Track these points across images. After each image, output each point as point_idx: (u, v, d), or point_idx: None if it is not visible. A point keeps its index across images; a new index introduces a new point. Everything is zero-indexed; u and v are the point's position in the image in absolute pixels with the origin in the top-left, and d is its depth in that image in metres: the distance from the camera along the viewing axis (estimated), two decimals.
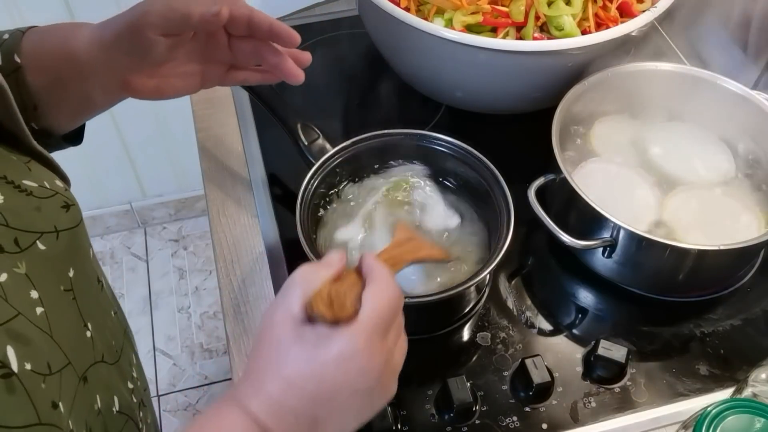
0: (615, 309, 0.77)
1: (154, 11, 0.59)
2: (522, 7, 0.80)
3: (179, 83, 0.66)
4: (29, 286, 0.47)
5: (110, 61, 0.61)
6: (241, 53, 0.66)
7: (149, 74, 0.63)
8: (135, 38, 0.60)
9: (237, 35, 0.65)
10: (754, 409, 0.52)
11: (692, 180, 0.79)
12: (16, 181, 0.51)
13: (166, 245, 1.97)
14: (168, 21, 0.59)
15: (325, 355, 0.46)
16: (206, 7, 0.59)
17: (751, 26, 0.92)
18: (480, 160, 0.74)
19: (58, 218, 0.53)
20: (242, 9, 0.62)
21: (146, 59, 0.61)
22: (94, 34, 0.62)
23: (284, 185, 0.86)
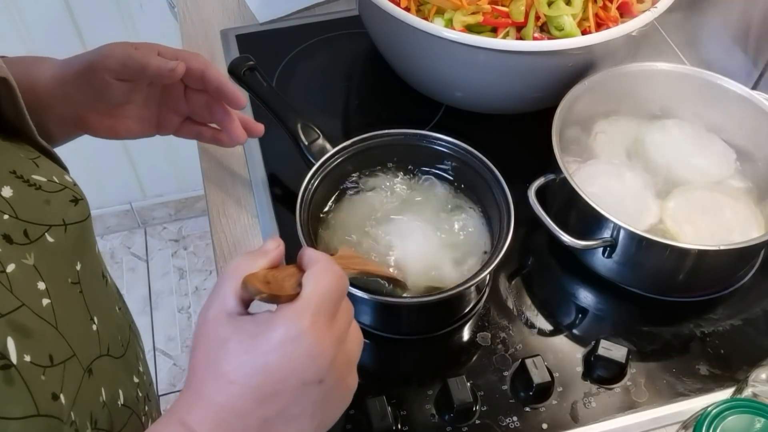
0: (615, 309, 0.77)
1: (114, 56, 0.63)
2: (522, 7, 0.80)
3: (134, 126, 0.68)
4: (37, 278, 0.47)
5: (67, 97, 0.64)
6: (195, 106, 0.69)
7: (105, 114, 0.66)
8: (93, 79, 0.63)
9: (193, 88, 0.68)
10: (754, 409, 0.52)
11: (692, 180, 0.79)
12: (25, 175, 0.51)
13: (166, 245, 1.97)
14: (125, 68, 0.63)
15: (267, 342, 0.41)
16: (163, 61, 0.63)
17: (751, 26, 0.92)
18: (480, 160, 0.74)
19: (66, 212, 0.53)
20: (198, 64, 0.66)
21: (102, 99, 0.64)
22: (56, 69, 0.65)
23: (284, 185, 0.86)
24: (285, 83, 0.97)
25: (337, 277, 0.45)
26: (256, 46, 1.01)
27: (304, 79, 0.98)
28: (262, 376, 0.41)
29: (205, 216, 1.92)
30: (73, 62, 0.65)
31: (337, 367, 0.43)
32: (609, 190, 0.77)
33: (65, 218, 0.52)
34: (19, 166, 0.51)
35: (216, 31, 1.04)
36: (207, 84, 0.66)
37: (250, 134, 0.73)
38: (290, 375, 0.41)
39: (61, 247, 0.51)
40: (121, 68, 0.63)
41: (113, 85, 0.64)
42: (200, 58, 0.66)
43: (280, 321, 0.42)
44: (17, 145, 0.54)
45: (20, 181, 0.50)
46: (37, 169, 0.53)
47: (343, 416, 0.67)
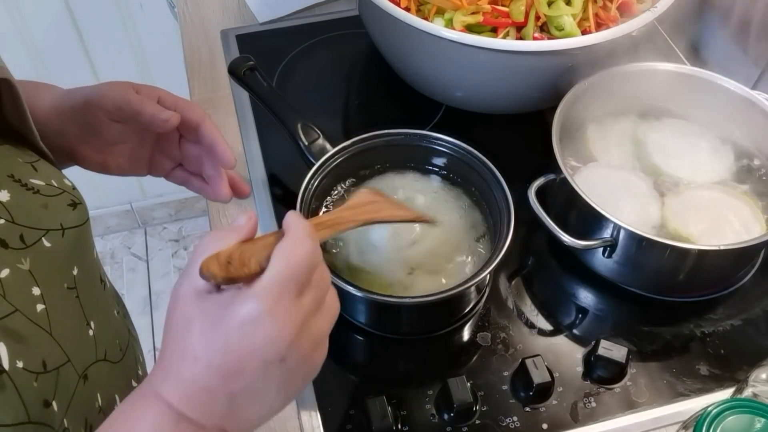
0: (615, 309, 0.77)
1: (111, 97, 0.62)
2: (522, 7, 0.80)
3: (126, 164, 0.68)
4: (31, 283, 0.47)
5: (62, 129, 0.63)
6: (188, 155, 0.69)
7: (97, 150, 0.66)
8: (88, 115, 0.63)
9: (187, 138, 0.68)
10: (754, 409, 0.52)
11: (692, 180, 0.79)
12: (23, 179, 0.51)
13: (166, 245, 1.97)
14: (120, 111, 0.62)
15: (228, 322, 0.42)
16: (159, 110, 0.62)
17: (751, 26, 0.92)
18: (480, 160, 0.74)
19: (64, 216, 0.53)
20: (194, 116, 0.65)
21: (95, 136, 0.65)
22: (55, 99, 0.65)
23: (284, 185, 0.86)
24: (285, 83, 0.97)
25: (306, 253, 0.44)
26: (256, 46, 1.01)
27: (304, 79, 0.98)
28: (223, 355, 0.42)
29: (205, 216, 1.91)
30: (72, 95, 0.65)
31: (301, 344, 0.44)
32: (609, 190, 0.77)
33: (63, 222, 0.52)
34: (18, 169, 0.51)
35: (216, 31, 1.04)
36: (200, 138, 0.65)
37: (235, 194, 0.71)
38: (251, 354, 0.42)
39: (58, 251, 0.51)
40: (116, 110, 0.63)
41: (107, 124, 0.64)
42: (198, 110, 0.65)
43: (240, 302, 0.42)
44: (17, 147, 0.54)
45: (18, 185, 0.50)
46: (35, 173, 0.53)
47: (344, 416, 0.67)
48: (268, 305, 0.42)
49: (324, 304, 0.46)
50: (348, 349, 0.74)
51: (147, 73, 1.60)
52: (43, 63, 1.51)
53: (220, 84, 0.98)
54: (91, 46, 1.52)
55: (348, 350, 0.74)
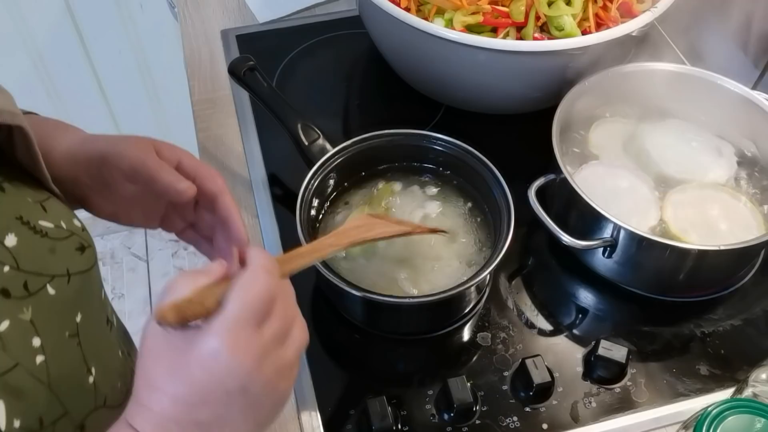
0: (615, 309, 0.77)
1: (129, 158, 0.59)
2: (522, 7, 0.80)
3: (138, 217, 0.66)
4: (32, 333, 0.46)
5: (76, 177, 0.61)
6: (201, 220, 0.66)
7: (110, 201, 0.64)
8: (103, 170, 0.60)
9: (203, 206, 0.65)
10: (754, 409, 0.52)
11: (692, 180, 0.79)
12: (31, 221, 0.50)
13: (166, 245, 1.97)
14: (136, 174, 0.60)
15: (191, 357, 0.44)
16: (175, 179, 0.59)
17: (751, 26, 0.92)
18: (480, 160, 0.74)
19: (71, 261, 0.52)
20: (213, 187, 0.61)
21: (108, 189, 0.62)
22: (72, 146, 0.62)
23: (284, 185, 0.86)
24: (285, 83, 0.97)
25: (261, 286, 0.45)
26: (256, 46, 1.01)
27: (304, 79, 0.98)
28: (188, 387, 0.44)
29: None
30: (90, 146, 0.62)
31: (263, 374, 0.45)
32: (609, 190, 0.77)
33: (69, 268, 0.51)
34: (27, 210, 0.50)
35: (216, 31, 1.04)
36: (216, 211, 0.62)
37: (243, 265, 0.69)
38: (213, 386, 0.44)
39: (63, 299, 0.50)
40: (131, 173, 0.60)
41: (122, 183, 0.61)
42: (218, 180, 0.62)
43: (200, 337, 0.44)
44: (28, 185, 0.52)
45: (26, 228, 0.49)
46: (44, 213, 0.52)
47: (344, 416, 0.67)
48: (225, 339, 0.43)
49: (289, 334, 0.47)
50: (348, 349, 0.74)
51: (147, 73, 1.60)
52: (43, 63, 1.51)
53: (220, 84, 0.98)
54: (91, 46, 1.52)
55: (348, 350, 0.74)
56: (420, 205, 0.76)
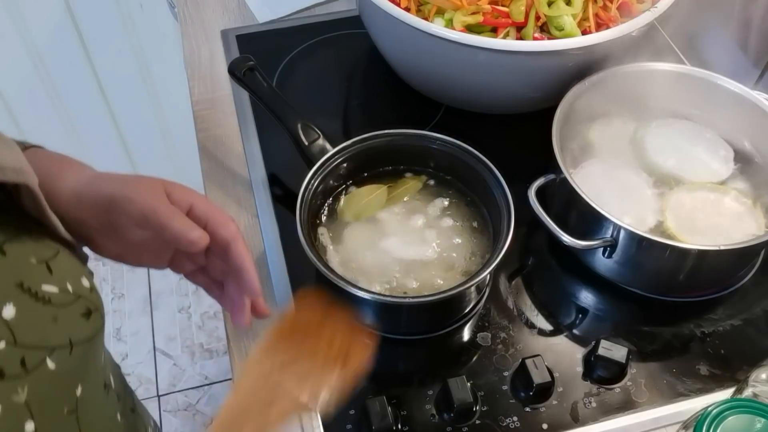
0: (615, 309, 0.77)
1: (138, 203, 0.56)
2: (522, 7, 0.80)
3: (146, 258, 0.63)
4: (26, 417, 0.43)
5: (81, 218, 0.58)
6: (212, 265, 0.63)
7: (116, 242, 0.60)
8: (111, 216, 0.57)
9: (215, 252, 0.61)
10: (754, 409, 0.52)
11: (692, 180, 0.79)
12: (33, 287, 0.46)
13: None
14: (146, 221, 0.57)
15: None
16: (186, 228, 0.56)
17: (751, 26, 0.92)
18: (480, 160, 0.74)
19: (75, 329, 0.49)
20: (226, 234, 0.59)
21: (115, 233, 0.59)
22: (78, 187, 0.59)
23: (284, 185, 0.86)
24: (285, 83, 0.97)
25: None
26: (256, 46, 1.01)
27: (304, 79, 0.98)
28: None
29: None
30: (97, 188, 0.58)
31: None
32: (609, 190, 0.77)
33: (72, 337, 0.48)
34: (29, 275, 0.47)
35: (216, 31, 1.04)
36: (228, 260, 0.59)
37: (254, 313, 0.64)
38: None
39: (63, 372, 0.47)
40: (141, 220, 0.56)
41: (130, 228, 0.58)
42: (231, 226, 0.59)
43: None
44: (34, 239, 0.49)
45: (27, 296, 0.46)
46: (49, 276, 0.48)
47: (344, 416, 0.67)
48: None
49: None
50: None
51: (147, 73, 1.60)
52: (43, 63, 1.51)
53: (220, 84, 0.98)
54: (91, 46, 1.52)
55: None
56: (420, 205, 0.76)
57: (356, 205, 0.76)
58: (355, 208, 0.76)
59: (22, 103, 1.57)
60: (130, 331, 1.80)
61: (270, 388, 0.55)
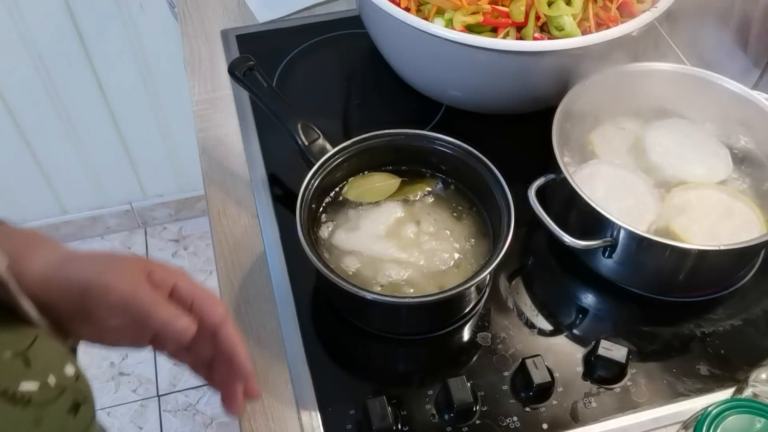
0: (615, 309, 0.77)
1: (116, 291, 0.51)
2: (522, 7, 0.80)
3: (125, 340, 0.56)
4: None
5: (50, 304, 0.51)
6: (198, 348, 0.57)
7: (93, 329, 0.54)
8: (86, 304, 0.51)
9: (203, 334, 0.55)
10: (754, 409, 0.52)
11: (692, 180, 0.79)
12: (10, 388, 0.42)
13: (166, 245, 1.97)
14: (127, 310, 0.51)
15: None
16: (172, 316, 0.51)
17: (752, 26, 0.92)
18: (480, 160, 0.74)
19: (63, 428, 0.44)
20: (214, 317, 0.54)
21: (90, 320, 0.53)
22: (47, 269, 0.52)
23: (284, 185, 0.86)
24: (285, 83, 0.97)
25: None
26: (256, 46, 1.01)
27: (304, 79, 0.98)
28: None
29: (206, 216, 1.91)
30: (69, 271, 0.52)
31: None
32: (609, 190, 0.77)
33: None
34: (4, 374, 0.42)
35: (216, 31, 1.04)
36: (218, 344, 0.55)
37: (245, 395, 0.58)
38: None
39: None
40: (122, 309, 0.51)
41: (108, 315, 0.52)
42: (218, 309, 0.55)
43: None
44: (8, 329, 0.45)
45: (3, 401, 0.41)
46: (27, 370, 0.44)
47: (344, 416, 0.67)
48: None
49: None
50: (348, 349, 0.74)
51: (147, 73, 1.60)
52: (43, 63, 1.51)
53: (220, 84, 0.98)
54: (91, 46, 1.52)
55: (348, 350, 0.74)
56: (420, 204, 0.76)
57: (362, 186, 0.77)
58: (361, 189, 0.76)
59: (22, 103, 1.57)
60: None
61: None
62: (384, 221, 0.75)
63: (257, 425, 0.68)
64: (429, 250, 0.73)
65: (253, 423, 0.68)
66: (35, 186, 1.76)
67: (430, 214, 0.76)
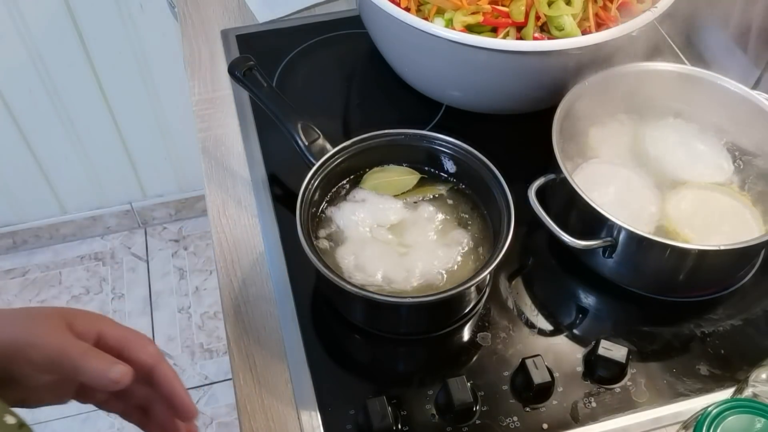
0: (615, 309, 0.77)
1: (41, 348, 0.49)
2: (522, 7, 0.80)
3: (50, 396, 0.54)
4: None
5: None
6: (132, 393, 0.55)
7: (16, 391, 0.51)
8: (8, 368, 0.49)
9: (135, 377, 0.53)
10: (754, 409, 0.52)
11: (692, 180, 0.79)
12: None
13: (166, 245, 1.97)
14: (53, 366, 0.50)
15: None
16: (105, 366, 0.49)
17: (751, 26, 0.92)
18: (480, 160, 0.74)
19: None
20: (146, 357, 0.53)
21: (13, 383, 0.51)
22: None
23: (284, 185, 0.86)
24: (285, 83, 0.97)
25: None
26: (256, 46, 1.01)
27: (304, 79, 0.98)
28: None
29: (206, 216, 1.91)
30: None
31: None
32: (609, 190, 0.77)
33: None
34: None
35: (216, 31, 1.04)
36: (155, 385, 0.53)
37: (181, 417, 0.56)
38: None
39: None
40: (47, 365, 0.49)
41: (33, 375, 0.50)
42: (150, 349, 0.53)
43: None
44: None
45: None
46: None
47: (344, 416, 0.67)
48: None
49: None
50: (348, 350, 0.74)
51: (147, 72, 1.60)
52: (43, 63, 1.51)
53: (220, 84, 0.98)
54: (91, 46, 1.52)
55: (348, 350, 0.74)
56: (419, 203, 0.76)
57: (380, 178, 0.77)
58: (378, 180, 0.76)
59: (22, 103, 1.57)
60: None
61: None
62: (386, 221, 0.74)
63: (257, 425, 0.68)
64: (429, 250, 0.73)
65: (253, 423, 0.68)
66: (35, 186, 1.76)
67: (431, 213, 0.76)
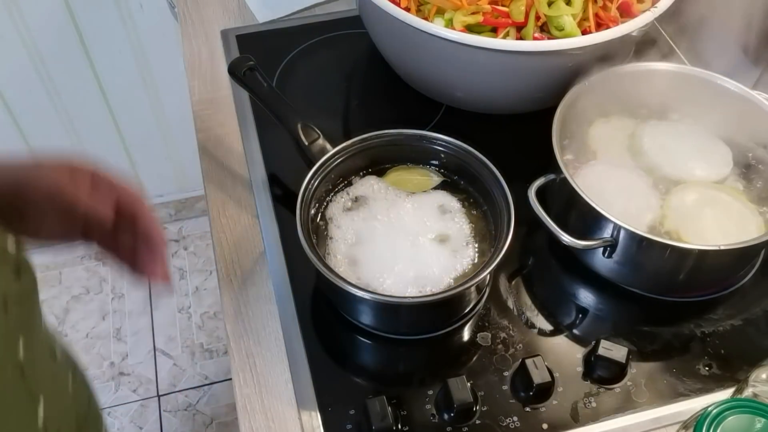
0: (615, 309, 0.77)
1: (42, 188, 0.56)
2: (522, 7, 0.80)
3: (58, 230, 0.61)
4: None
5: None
6: (120, 238, 0.62)
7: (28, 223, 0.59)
8: (15, 203, 0.56)
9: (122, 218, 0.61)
10: (754, 409, 0.52)
11: (692, 180, 0.79)
12: None
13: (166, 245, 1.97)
14: (52, 203, 0.57)
15: None
16: (96, 205, 0.58)
17: (752, 26, 0.92)
18: (480, 160, 0.74)
19: (7, 288, 0.48)
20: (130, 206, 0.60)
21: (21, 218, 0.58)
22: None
23: (284, 185, 0.86)
24: (285, 83, 0.97)
25: None
26: (256, 46, 1.01)
27: (304, 79, 0.98)
28: None
29: (206, 216, 1.91)
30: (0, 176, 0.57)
31: None
32: (609, 190, 0.77)
33: (5, 295, 0.47)
34: None
35: (216, 31, 1.04)
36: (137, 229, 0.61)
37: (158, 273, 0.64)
38: None
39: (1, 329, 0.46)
40: (48, 203, 0.56)
41: (39, 206, 0.57)
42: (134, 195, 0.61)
43: None
44: None
45: None
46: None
47: (344, 416, 0.67)
48: None
49: None
50: (348, 349, 0.74)
51: (147, 73, 1.60)
52: (43, 63, 1.51)
53: (220, 84, 0.98)
54: (91, 46, 1.52)
55: (348, 350, 0.74)
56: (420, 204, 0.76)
57: (401, 177, 0.78)
58: (399, 178, 0.78)
59: (22, 103, 1.57)
60: (130, 331, 1.80)
61: None
62: (386, 220, 0.74)
63: (257, 425, 0.68)
64: (429, 250, 0.73)
65: (253, 423, 0.68)
66: None
67: (431, 213, 0.76)
